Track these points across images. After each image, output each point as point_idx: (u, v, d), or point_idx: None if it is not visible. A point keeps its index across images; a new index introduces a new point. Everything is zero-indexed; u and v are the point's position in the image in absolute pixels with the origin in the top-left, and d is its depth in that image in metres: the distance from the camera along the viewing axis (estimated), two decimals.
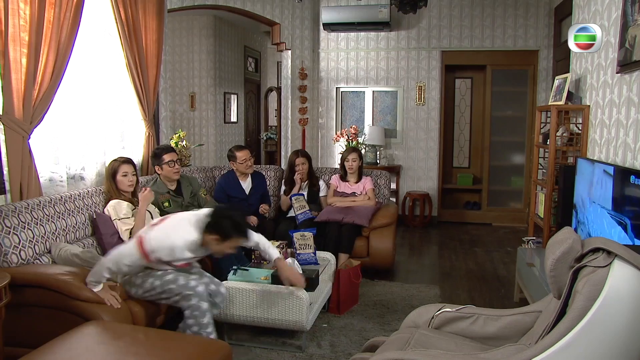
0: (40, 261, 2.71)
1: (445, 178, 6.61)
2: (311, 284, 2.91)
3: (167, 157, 3.67)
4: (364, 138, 6.41)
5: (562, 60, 5.63)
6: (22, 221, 2.64)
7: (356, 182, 4.46)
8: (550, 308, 1.79)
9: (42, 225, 2.77)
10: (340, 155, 4.55)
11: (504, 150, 6.50)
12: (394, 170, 6.39)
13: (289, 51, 6.49)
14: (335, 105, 6.72)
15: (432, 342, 1.93)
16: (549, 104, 4.01)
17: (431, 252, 5.27)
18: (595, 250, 1.56)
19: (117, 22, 3.74)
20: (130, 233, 3.14)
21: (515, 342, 1.94)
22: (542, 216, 4.07)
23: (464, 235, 5.85)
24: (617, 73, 3.03)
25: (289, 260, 3.00)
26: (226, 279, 3.02)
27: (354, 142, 6.27)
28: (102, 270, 2.43)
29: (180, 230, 2.47)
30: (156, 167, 3.70)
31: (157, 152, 3.70)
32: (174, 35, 7.55)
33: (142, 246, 2.43)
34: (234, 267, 3.05)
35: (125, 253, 2.47)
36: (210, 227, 2.42)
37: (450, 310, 2.12)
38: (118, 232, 3.14)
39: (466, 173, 6.71)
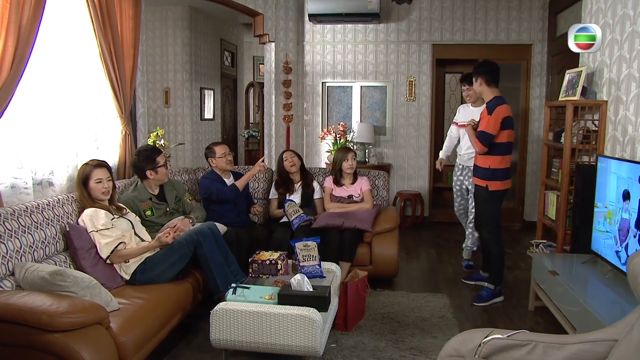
0: (2, 287, 2.27)
1: (435, 176, 6.37)
2: (323, 303, 2.56)
3: (161, 160, 3.28)
4: (353, 135, 6.10)
5: (557, 54, 5.47)
6: None
7: (352, 184, 4.15)
8: (635, 338, 1.52)
9: (3, 243, 2.33)
10: (329, 155, 4.14)
11: None
12: (384, 169, 6.09)
13: (272, 43, 6.10)
14: (321, 101, 6.37)
15: None
16: (561, 99, 3.78)
17: (429, 255, 5.00)
18: None
19: (89, 6, 3.29)
20: (113, 250, 2.72)
21: None
22: (552, 218, 3.85)
23: (458, 237, 5.58)
24: None
25: (297, 276, 2.63)
26: (222, 299, 2.64)
27: (341, 140, 5.95)
28: None
29: None
30: (148, 172, 3.26)
31: (148, 155, 3.26)
32: (147, 27, 6.96)
33: None
34: (233, 285, 2.67)
35: None
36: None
37: (500, 336, 1.81)
38: (96, 247, 2.71)
39: None
